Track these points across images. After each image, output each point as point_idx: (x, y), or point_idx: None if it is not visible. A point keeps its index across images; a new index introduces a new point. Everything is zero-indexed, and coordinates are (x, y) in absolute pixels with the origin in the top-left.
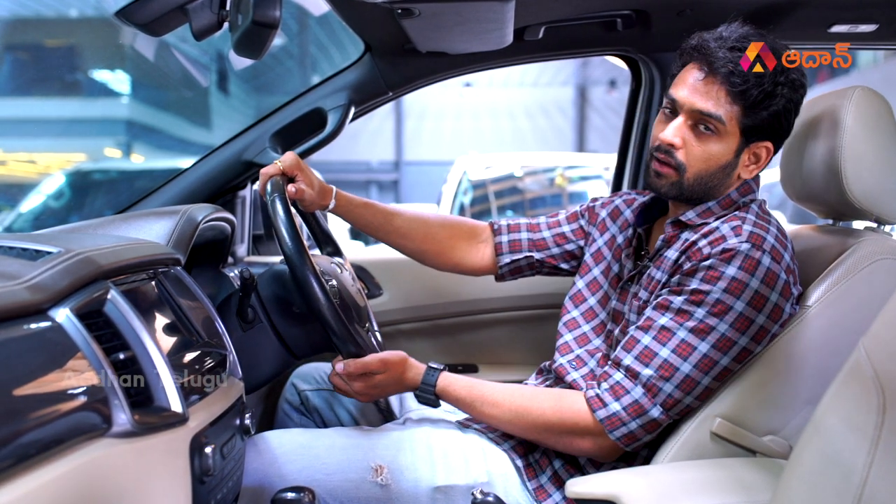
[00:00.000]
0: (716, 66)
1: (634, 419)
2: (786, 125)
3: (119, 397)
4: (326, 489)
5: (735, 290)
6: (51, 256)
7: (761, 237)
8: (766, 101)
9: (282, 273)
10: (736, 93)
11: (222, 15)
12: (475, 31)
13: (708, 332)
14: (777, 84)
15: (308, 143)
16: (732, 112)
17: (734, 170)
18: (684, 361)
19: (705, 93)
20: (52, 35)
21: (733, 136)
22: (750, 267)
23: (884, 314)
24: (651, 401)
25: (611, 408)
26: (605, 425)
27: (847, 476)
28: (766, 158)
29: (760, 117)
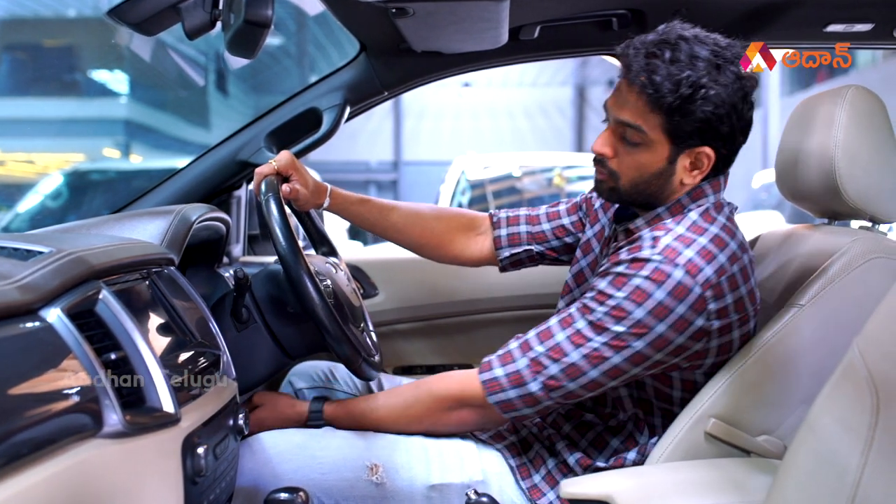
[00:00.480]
0: (631, 75)
1: (513, 388)
2: (725, 129)
3: (110, 397)
4: (322, 488)
5: (637, 299)
6: (42, 256)
7: (676, 251)
8: (686, 106)
9: (276, 273)
10: (653, 101)
11: (215, 14)
12: (470, 31)
13: (603, 331)
14: (698, 87)
15: (303, 142)
16: (652, 119)
17: (672, 176)
18: (575, 349)
19: (625, 102)
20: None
21: (661, 144)
22: (658, 278)
23: (877, 314)
24: (533, 374)
25: (495, 372)
26: (486, 387)
27: (841, 476)
28: (709, 164)
29: (685, 124)
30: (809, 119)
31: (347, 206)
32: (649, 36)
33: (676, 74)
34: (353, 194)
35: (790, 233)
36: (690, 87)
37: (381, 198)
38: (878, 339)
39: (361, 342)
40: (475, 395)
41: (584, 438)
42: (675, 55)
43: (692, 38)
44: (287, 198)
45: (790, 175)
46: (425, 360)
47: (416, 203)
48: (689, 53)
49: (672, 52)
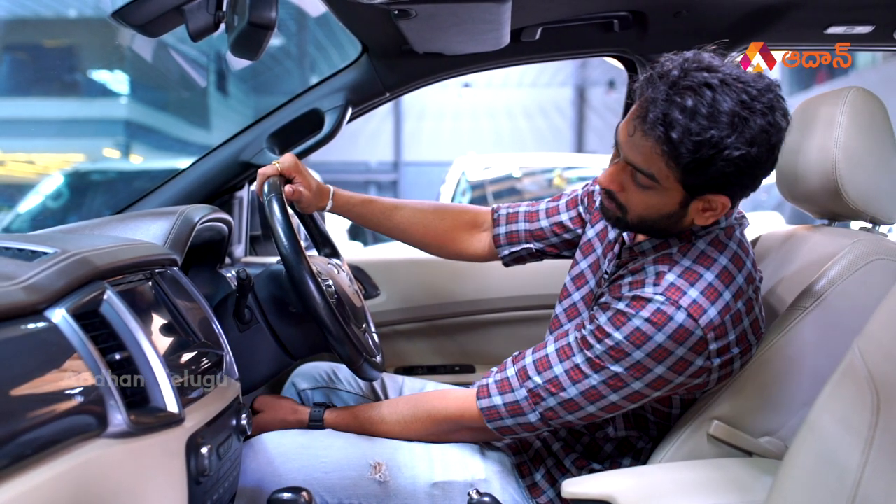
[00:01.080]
0: (647, 125)
1: (512, 417)
2: (746, 181)
3: (115, 398)
4: (325, 487)
5: (636, 341)
6: (47, 257)
7: (681, 292)
8: (704, 167)
9: (278, 274)
10: (668, 156)
11: (219, 16)
12: (472, 32)
13: (601, 369)
14: (720, 149)
15: (305, 143)
16: (668, 172)
17: (683, 218)
18: (573, 385)
19: (639, 146)
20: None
21: (674, 191)
22: (659, 321)
23: (878, 315)
24: (531, 406)
25: (493, 400)
26: (485, 415)
27: (841, 476)
28: (724, 208)
29: (702, 179)
30: (810, 120)
31: (351, 207)
32: (672, 70)
33: (696, 135)
34: (356, 195)
35: (790, 234)
36: (712, 147)
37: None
38: (878, 340)
39: (363, 343)
40: (473, 419)
41: (578, 443)
42: (696, 107)
43: (718, 86)
44: (290, 199)
45: (790, 176)
46: (427, 361)
47: (419, 201)
48: (711, 106)
49: (693, 102)
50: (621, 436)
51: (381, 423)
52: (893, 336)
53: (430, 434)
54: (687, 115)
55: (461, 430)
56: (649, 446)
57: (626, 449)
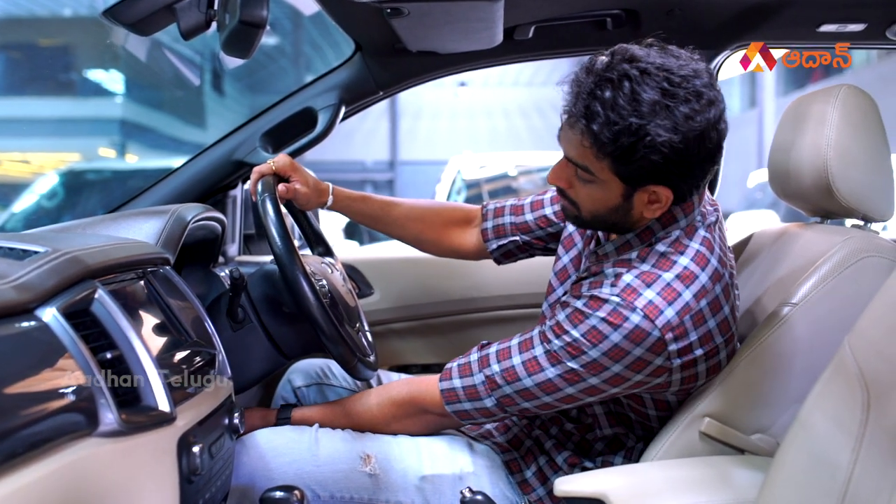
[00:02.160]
0: (573, 113)
1: (469, 401)
2: (677, 169)
3: (106, 396)
4: (316, 480)
5: (593, 339)
6: (38, 256)
7: (636, 293)
8: (628, 155)
9: (272, 273)
10: (595, 148)
11: (210, 14)
12: (465, 31)
13: (558, 363)
14: (641, 136)
15: (299, 142)
16: (600, 164)
17: (630, 210)
18: (528, 376)
19: (570, 140)
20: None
21: (613, 183)
22: (614, 321)
23: (868, 312)
24: (487, 392)
25: (453, 382)
26: (444, 396)
27: (832, 473)
28: (667, 198)
29: (632, 169)
30: (802, 118)
31: (349, 203)
32: (596, 64)
33: (616, 123)
34: (354, 192)
35: (782, 231)
36: (632, 135)
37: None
38: (868, 337)
39: (357, 342)
40: (434, 401)
41: (570, 441)
42: (615, 98)
43: (638, 76)
44: (287, 197)
45: (783, 174)
46: (421, 359)
47: (415, 199)
48: (630, 95)
49: (613, 92)
50: (609, 434)
51: (351, 415)
52: (884, 333)
53: (394, 419)
54: (607, 106)
55: (423, 413)
56: (640, 445)
57: (618, 447)
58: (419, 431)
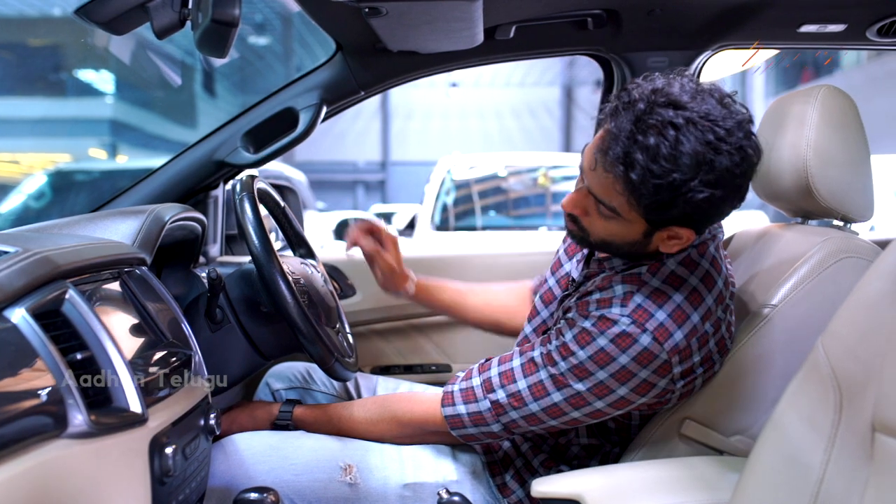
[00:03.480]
0: (610, 156)
1: (475, 426)
2: (713, 217)
3: (75, 397)
4: (295, 489)
5: (600, 361)
6: (7, 256)
7: (648, 314)
8: (667, 207)
9: (250, 273)
10: (628, 195)
11: (184, 13)
12: (444, 30)
13: (564, 386)
14: (680, 193)
15: (280, 142)
16: (629, 207)
17: (647, 246)
18: (535, 401)
19: (601, 179)
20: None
21: (637, 223)
22: (623, 343)
23: (841, 312)
24: (494, 418)
25: (458, 409)
26: (449, 423)
27: (805, 474)
28: (688, 238)
29: (667, 217)
30: (781, 119)
31: (428, 292)
32: (638, 103)
33: (657, 177)
34: (432, 281)
35: (763, 232)
36: (673, 191)
37: (371, 201)
38: (841, 337)
39: (335, 343)
40: (437, 425)
41: (545, 444)
42: (658, 148)
43: (683, 125)
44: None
45: (763, 174)
46: (403, 360)
47: (483, 284)
48: (674, 147)
49: (656, 141)
50: (584, 443)
51: (350, 421)
52: (856, 333)
53: (395, 436)
54: (648, 156)
55: (426, 434)
56: (616, 449)
57: (594, 451)
58: (419, 443)
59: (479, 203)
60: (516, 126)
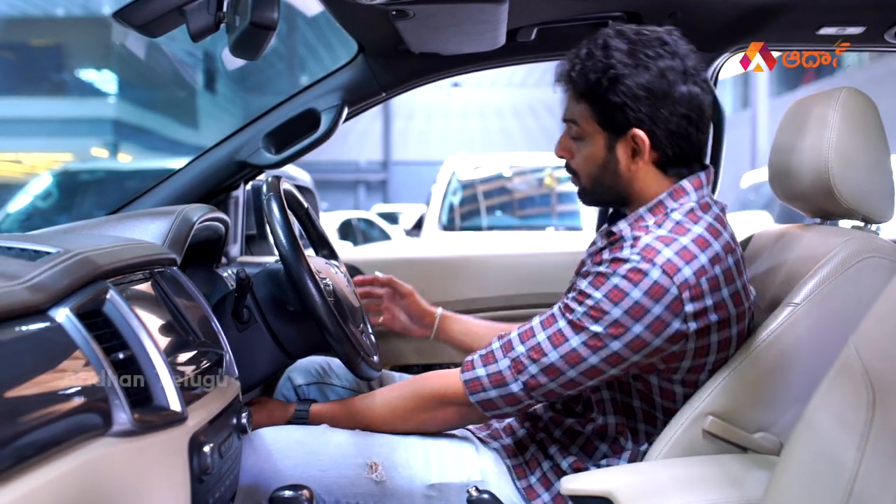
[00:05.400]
0: (559, 77)
1: (494, 388)
2: (646, 110)
3: (119, 397)
4: (322, 485)
5: (614, 298)
6: (50, 257)
7: (655, 251)
8: (598, 91)
9: (276, 272)
10: (575, 93)
11: (219, 16)
12: (469, 33)
13: (582, 330)
14: (607, 72)
15: (301, 143)
16: (583, 110)
17: (617, 165)
18: (554, 349)
19: (564, 102)
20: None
21: (596, 134)
22: (634, 278)
23: (873, 312)
24: (513, 375)
25: (476, 372)
26: (468, 387)
27: (838, 471)
28: (646, 147)
29: (606, 106)
30: (803, 120)
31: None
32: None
33: (588, 65)
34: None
35: (783, 233)
36: (598, 72)
37: (373, 200)
38: (873, 337)
39: (361, 342)
40: (457, 393)
41: (573, 444)
42: (591, 50)
43: (610, 33)
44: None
45: (784, 175)
46: (423, 360)
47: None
48: (605, 47)
49: (589, 47)
50: (611, 423)
51: (368, 410)
52: (888, 333)
53: (415, 413)
54: (581, 57)
55: (445, 406)
56: (644, 447)
57: (618, 449)
58: (439, 426)
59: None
60: (518, 126)
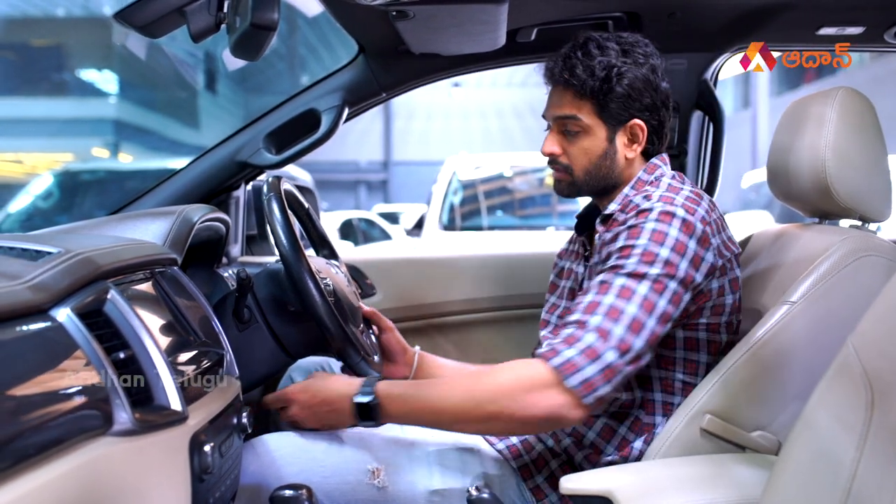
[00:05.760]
0: (555, 77)
1: (590, 363)
2: (647, 100)
3: (120, 396)
4: (324, 491)
5: (658, 239)
6: (51, 256)
7: (670, 197)
8: (606, 86)
9: (277, 272)
10: (577, 90)
11: (220, 17)
12: (469, 33)
13: (643, 277)
14: (611, 68)
15: (302, 144)
16: (583, 106)
17: (616, 154)
18: (628, 303)
19: (558, 101)
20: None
21: (597, 127)
22: (666, 219)
23: (871, 312)
24: (605, 343)
25: (565, 354)
26: (562, 372)
27: (837, 471)
28: (643, 135)
29: (610, 101)
30: (800, 120)
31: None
32: (562, 49)
33: (589, 62)
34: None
35: (781, 232)
36: (604, 69)
37: (373, 200)
38: (872, 337)
39: (361, 342)
40: (545, 380)
41: (591, 430)
42: (587, 50)
43: (598, 37)
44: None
45: (782, 175)
46: None
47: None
48: (597, 46)
49: (583, 49)
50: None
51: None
52: (887, 332)
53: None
54: (580, 58)
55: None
56: (659, 428)
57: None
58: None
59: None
60: (518, 126)
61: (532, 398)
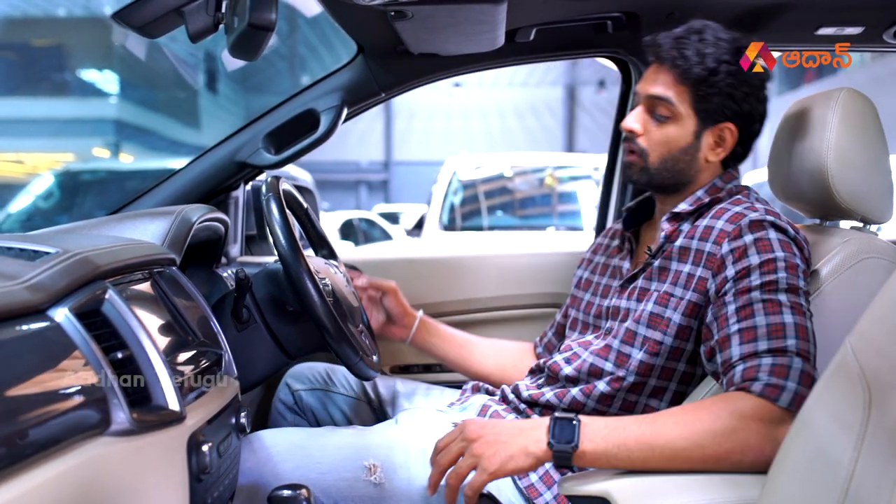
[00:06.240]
0: (662, 54)
1: (785, 378)
2: (746, 107)
3: (118, 396)
4: (321, 488)
5: (788, 249)
6: (49, 257)
7: (772, 210)
8: (712, 78)
9: (276, 272)
10: (681, 74)
11: (218, 17)
12: (467, 33)
13: (798, 289)
14: (722, 62)
15: (301, 144)
16: (681, 92)
17: (698, 152)
18: (804, 318)
19: (655, 79)
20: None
21: (688, 118)
22: (780, 231)
23: (869, 312)
24: (808, 364)
25: (790, 388)
26: (766, 396)
27: (834, 471)
28: (731, 141)
29: (711, 95)
30: (802, 121)
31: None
32: (676, 30)
33: (703, 50)
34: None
35: None
36: (716, 61)
37: (374, 200)
38: (870, 337)
39: (360, 342)
40: (773, 416)
41: (611, 408)
42: (702, 36)
43: (716, 27)
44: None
45: (783, 176)
46: (422, 359)
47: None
48: (714, 35)
49: (699, 34)
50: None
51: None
52: (885, 333)
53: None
54: (694, 41)
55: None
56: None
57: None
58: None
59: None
60: (519, 126)
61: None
